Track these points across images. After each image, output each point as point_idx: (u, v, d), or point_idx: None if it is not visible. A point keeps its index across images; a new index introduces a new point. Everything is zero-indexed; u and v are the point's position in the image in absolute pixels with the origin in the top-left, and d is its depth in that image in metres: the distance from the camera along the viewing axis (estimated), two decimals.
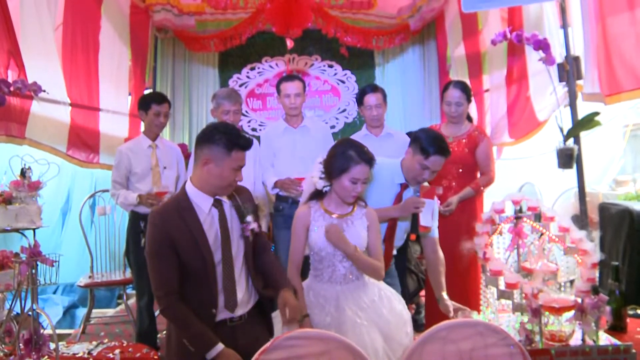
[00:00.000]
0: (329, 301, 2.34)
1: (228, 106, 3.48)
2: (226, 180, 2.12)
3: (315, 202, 2.43)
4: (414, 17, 5.25)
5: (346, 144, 2.38)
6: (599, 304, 1.97)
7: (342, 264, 2.36)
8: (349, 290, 2.36)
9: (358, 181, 2.30)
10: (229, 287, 2.15)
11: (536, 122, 3.57)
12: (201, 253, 2.10)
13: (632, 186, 3.97)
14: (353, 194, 2.32)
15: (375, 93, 3.46)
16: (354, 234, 2.36)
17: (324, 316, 2.30)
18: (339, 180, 2.32)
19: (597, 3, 2.96)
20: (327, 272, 2.38)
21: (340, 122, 5.86)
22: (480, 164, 3.42)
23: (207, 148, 2.10)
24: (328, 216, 2.38)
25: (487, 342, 1.58)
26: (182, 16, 5.10)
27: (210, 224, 2.14)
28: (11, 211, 2.85)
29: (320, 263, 2.39)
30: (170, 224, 2.08)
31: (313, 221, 2.38)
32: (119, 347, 2.54)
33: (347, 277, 2.37)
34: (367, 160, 2.31)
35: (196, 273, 2.11)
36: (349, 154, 2.30)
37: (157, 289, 2.09)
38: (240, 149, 2.11)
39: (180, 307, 2.07)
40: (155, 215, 2.12)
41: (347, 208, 2.41)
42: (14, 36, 3.14)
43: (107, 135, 4.18)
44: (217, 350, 2.03)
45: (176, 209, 2.12)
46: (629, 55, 2.86)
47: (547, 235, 2.42)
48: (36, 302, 2.17)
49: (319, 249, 2.35)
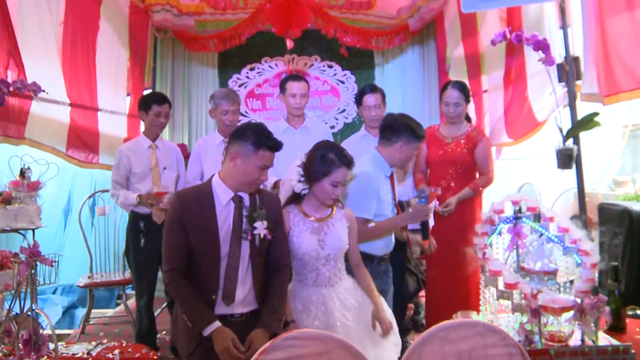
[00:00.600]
0: (316, 305, 2.32)
1: (226, 106, 3.48)
2: (250, 177, 2.19)
3: (294, 206, 2.42)
4: (414, 18, 5.26)
5: (326, 147, 2.37)
6: (598, 304, 1.97)
7: (326, 267, 2.36)
8: (335, 293, 2.36)
9: (338, 184, 2.31)
10: (230, 280, 2.19)
11: (535, 122, 3.58)
12: (208, 239, 2.16)
13: (631, 186, 3.97)
14: (333, 197, 2.33)
15: (374, 93, 3.46)
16: (335, 236, 2.36)
17: (311, 320, 2.29)
18: (319, 183, 2.32)
19: (597, 4, 2.96)
20: (311, 276, 2.37)
21: (340, 122, 5.86)
22: (478, 164, 3.42)
23: (237, 144, 2.19)
24: (307, 220, 2.37)
25: (487, 343, 1.58)
26: (182, 16, 5.10)
27: (225, 217, 2.20)
28: (10, 211, 2.84)
29: (304, 267, 2.37)
30: (186, 204, 2.18)
31: (293, 226, 2.37)
32: (118, 347, 2.53)
33: (332, 279, 2.37)
34: (347, 163, 2.32)
35: (201, 257, 2.17)
36: (329, 157, 2.30)
37: (165, 263, 2.18)
38: (267, 149, 2.18)
39: (182, 283, 2.15)
40: (176, 195, 2.26)
41: (326, 211, 2.41)
42: (14, 36, 3.14)
43: (106, 135, 4.18)
44: (214, 327, 2.08)
45: (196, 193, 2.23)
46: (627, 55, 2.86)
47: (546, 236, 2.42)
48: (35, 302, 2.17)
49: (301, 254, 2.34)
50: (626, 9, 2.86)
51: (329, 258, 2.35)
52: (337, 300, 2.34)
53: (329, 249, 2.34)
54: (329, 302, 2.32)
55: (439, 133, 3.50)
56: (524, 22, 3.60)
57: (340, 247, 2.37)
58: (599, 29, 2.97)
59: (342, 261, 2.44)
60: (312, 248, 2.32)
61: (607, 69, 2.94)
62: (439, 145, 3.44)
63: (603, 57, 2.97)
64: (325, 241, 2.35)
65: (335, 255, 2.37)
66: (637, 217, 2.89)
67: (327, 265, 2.36)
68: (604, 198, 3.88)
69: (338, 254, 2.38)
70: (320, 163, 2.31)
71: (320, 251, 2.33)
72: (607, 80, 2.94)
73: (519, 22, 3.64)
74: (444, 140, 3.44)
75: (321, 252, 2.33)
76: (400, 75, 5.88)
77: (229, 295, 2.19)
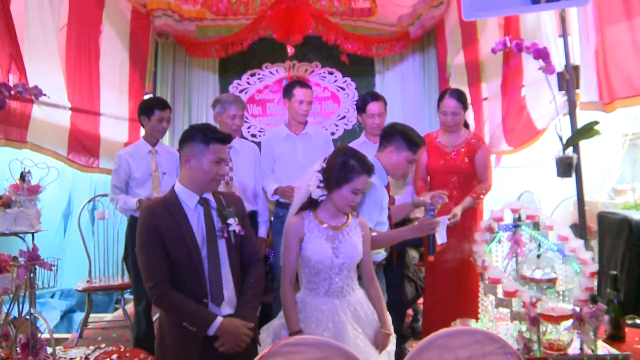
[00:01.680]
0: (327, 315, 2.27)
1: (235, 110, 3.48)
2: (209, 174, 2.20)
3: (309, 212, 2.36)
4: (414, 25, 5.27)
5: (347, 153, 2.32)
6: (597, 313, 1.97)
7: (339, 277, 2.30)
8: (347, 304, 2.31)
9: (359, 191, 2.27)
10: (215, 280, 2.19)
11: (534, 130, 3.58)
12: (187, 245, 2.16)
13: (630, 195, 3.98)
14: (352, 204, 2.29)
15: (378, 101, 3.47)
16: (350, 245, 2.31)
17: (321, 331, 2.24)
18: (339, 190, 2.27)
19: (596, 12, 2.98)
20: (323, 286, 2.31)
21: (340, 129, 5.87)
22: (477, 171, 3.40)
23: (187, 146, 2.21)
24: (322, 227, 2.32)
25: (485, 351, 1.57)
26: (183, 22, 5.11)
27: (197, 221, 2.22)
28: (10, 215, 2.84)
29: (316, 276, 2.31)
30: (157, 218, 2.17)
31: (307, 232, 2.30)
32: (116, 352, 2.53)
33: (344, 289, 2.32)
34: (368, 170, 2.29)
35: (183, 265, 2.16)
36: (351, 164, 2.26)
37: (148, 280, 2.15)
38: (217, 141, 2.19)
39: (172, 293, 2.14)
40: (143, 211, 2.25)
41: (342, 218, 2.35)
42: (16, 40, 3.15)
43: (106, 139, 4.19)
44: (217, 324, 2.10)
45: (164, 204, 2.22)
46: (625, 63, 2.87)
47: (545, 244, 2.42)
48: (34, 306, 2.16)
49: (315, 262, 2.28)
50: (625, 19, 2.88)
51: (342, 267, 2.29)
52: (348, 312, 2.29)
53: (343, 257, 2.28)
54: (340, 313, 2.27)
55: (438, 142, 3.47)
56: (521, 30, 3.62)
57: (355, 256, 2.31)
58: (598, 38, 2.99)
59: (355, 271, 2.38)
60: (326, 256, 2.26)
61: (605, 76, 2.96)
62: (440, 154, 3.43)
63: (603, 65, 2.98)
64: (339, 249, 2.29)
65: (349, 265, 2.31)
66: (637, 225, 2.88)
67: (341, 275, 2.30)
68: (604, 207, 3.88)
69: (352, 263, 2.32)
70: (341, 169, 2.26)
71: (335, 260, 2.27)
72: (606, 88, 2.95)
73: (517, 29, 3.66)
74: (444, 150, 3.42)
75: (335, 261, 2.27)
76: (400, 82, 5.88)
77: (218, 295, 2.20)
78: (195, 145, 2.19)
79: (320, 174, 2.32)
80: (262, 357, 1.53)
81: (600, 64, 3.01)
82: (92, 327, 4.16)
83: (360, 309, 2.35)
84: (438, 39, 5.41)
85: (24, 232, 2.86)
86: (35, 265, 2.20)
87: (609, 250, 3.07)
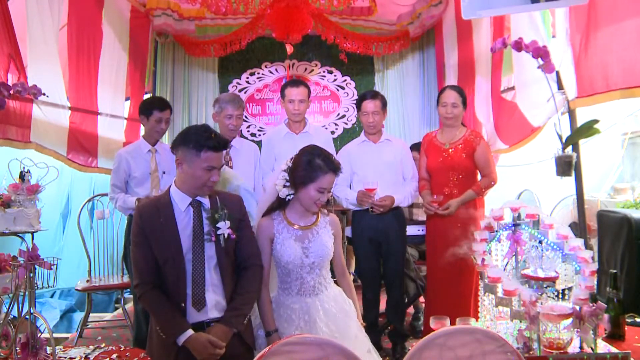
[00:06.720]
0: (298, 314, 2.30)
1: (231, 110, 3.47)
2: (199, 181, 2.18)
3: (278, 212, 2.39)
4: (414, 24, 5.28)
5: (313, 152, 2.34)
6: (597, 311, 1.97)
7: (310, 275, 2.33)
8: (319, 302, 2.33)
9: (324, 190, 2.29)
10: (198, 285, 2.18)
11: (529, 127, 3.57)
12: (171, 247, 2.15)
13: (630, 194, 3.98)
14: (318, 203, 2.31)
15: (374, 100, 3.46)
16: (320, 244, 2.33)
17: (293, 330, 2.26)
18: (305, 189, 2.29)
19: (585, 15, 2.98)
20: (295, 285, 2.34)
21: (340, 127, 5.87)
22: (479, 166, 3.39)
23: (180, 149, 2.20)
24: (291, 228, 2.34)
25: (485, 349, 1.57)
26: (183, 21, 5.11)
27: (185, 223, 2.20)
28: (9, 214, 2.84)
29: (288, 276, 2.35)
30: (147, 217, 2.18)
31: (277, 233, 2.34)
32: (116, 351, 2.52)
33: (317, 287, 2.35)
34: (334, 169, 2.30)
35: (166, 267, 2.16)
36: (316, 163, 2.28)
37: (134, 279, 2.19)
38: (210, 149, 2.15)
39: (153, 294, 2.15)
40: (137, 208, 2.26)
41: (311, 218, 2.39)
42: (15, 39, 3.15)
43: (105, 139, 4.19)
44: (187, 336, 2.08)
45: (156, 204, 2.23)
46: (607, 57, 2.87)
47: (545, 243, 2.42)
48: (34, 305, 2.16)
49: (285, 262, 2.31)
50: (614, 22, 2.86)
51: (313, 266, 2.33)
52: (321, 310, 2.31)
53: (313, 257, 2.32)
54: (312, 312, 2.29)
55: (436, 140, 3.47)
56: (512, 29, 3.61)
57: (325, 255, 2.34)
58: (583, 39, 2.99)
59: (327, 269, 2.41)
60: (296, 256, 2.29)
61: (586, 72, 2.98)
62: (438, 152, 3.43)
63: (584, 62, 3.00)
64: (309, 249, 2.32)
65: (320, 264, 2.34)
66: (636, 224, 2.89)
67: (312, 274, 2.33)
68: (603, 205, 3.89)
69: (323, 262, 2.35)
70: (306, 168, 2.29)
71: (305, 259, 2.31)
72: (586, 83, 2.98)
73: (502, 27, 3.68)
74: (442, 147, 3.42)
75: (305, 260, 2.31)
76: (400, 81, 5.89)
77: (199, 300, 2.18)
78: (188, 150, 2.16)
79: (286, 173, 2.35)
80: (262, 356, 1.53)
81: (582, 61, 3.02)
82: (92, 326, 4.17)
83: (334, 305, 2.35)
84: (437, 38, 5.41)
85: (24, 231, 2.86)
86: (35, 265, 2.20)
87: (609, 248, 3.07)
